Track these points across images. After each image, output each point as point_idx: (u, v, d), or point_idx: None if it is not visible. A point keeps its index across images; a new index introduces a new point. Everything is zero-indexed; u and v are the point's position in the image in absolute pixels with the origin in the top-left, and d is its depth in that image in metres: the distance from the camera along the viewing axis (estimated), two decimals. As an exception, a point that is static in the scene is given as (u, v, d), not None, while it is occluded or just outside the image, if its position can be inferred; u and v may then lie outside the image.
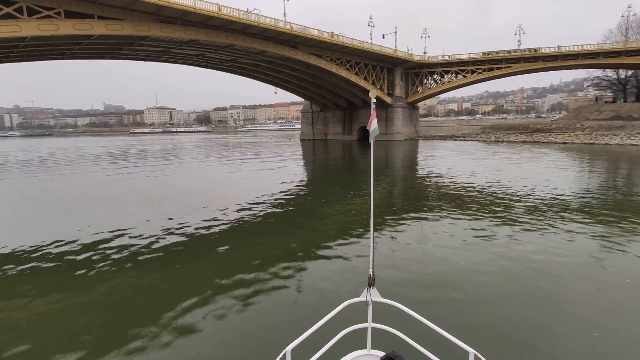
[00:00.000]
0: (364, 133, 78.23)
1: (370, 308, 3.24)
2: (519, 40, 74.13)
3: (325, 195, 19.30)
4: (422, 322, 2.89)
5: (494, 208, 15.35)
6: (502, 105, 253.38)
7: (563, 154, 38.30)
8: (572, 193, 18.03)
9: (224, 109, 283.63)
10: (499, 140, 60.52)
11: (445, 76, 74.69)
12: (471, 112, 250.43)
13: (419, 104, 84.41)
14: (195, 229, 13.26)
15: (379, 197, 18.46)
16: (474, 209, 15.32)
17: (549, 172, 25.10)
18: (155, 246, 11.44)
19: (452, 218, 14.00)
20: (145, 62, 54.15)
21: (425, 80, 76.60)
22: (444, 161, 35.28)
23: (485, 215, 14.30)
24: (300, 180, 25.59)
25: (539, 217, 13.64)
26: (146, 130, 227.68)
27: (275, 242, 11.88)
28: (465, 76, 73.10)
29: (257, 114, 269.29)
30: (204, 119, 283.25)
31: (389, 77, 73.01)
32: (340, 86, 67.39)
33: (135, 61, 53.71)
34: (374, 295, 3.21)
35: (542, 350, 5.78)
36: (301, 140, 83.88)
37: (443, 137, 72.62)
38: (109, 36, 36.08)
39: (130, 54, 47.66)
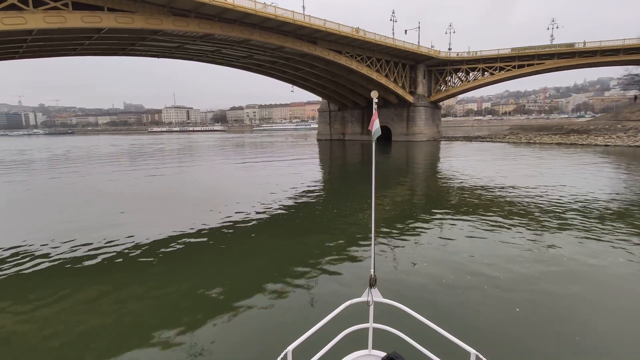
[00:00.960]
0: (384, 133, 74.97)
1: (371, 308, 3.21)
2: (551, 35, 69.68)
3: (339, 205, 17.03)
4: (424, 323, 2.88)
5: (545, 221, 13.18)
6: (524, 105, 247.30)
7: (611, 159, 34.25)
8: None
9: (240, 108, 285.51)
10: (531, 141, 56.18)
11: (471, 74, 70.62)
12: (491, 112, 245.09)
13: (441, 104, 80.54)
14: (201, 231, 12.81)
15: (397, 202, 17.48)
16: (515, 220, 13.49)
17: (612, 183, 21.58)
18: (156, 247, 11.26)
19: (489, 229, 12.39)
20: (161, 60, 52.61)
21: (448, 78, 72.77)
22: (473, 164, 31.74)
23: (529, 226, 12.60)
24: (314, 185, 23.21)
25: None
26: (164, 129, 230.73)
27: (281, 247, 11.39)
28: (492, 73, 68.88)
29: (273, 114, 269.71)
30: (220, 118, 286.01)
31: (411, 74, 69.48)
32: (359, 84, 64.38)
33: (151, 59, 52.18)
34: (375, 296, 3.18)
35: None
36: (318, 140, 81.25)
37: (468, 138, 68.58)
38: (119, 29, 34.25)
39: (143, 49, 46.03)
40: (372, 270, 3.26)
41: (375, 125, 3.25)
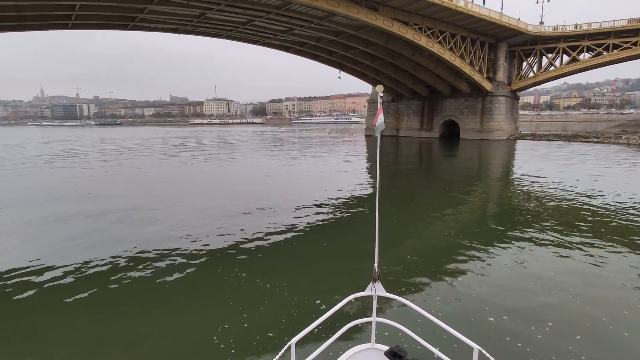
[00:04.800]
0: (449, 129, 61.40)
1: (374, 302, 3.19)
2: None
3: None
4: (427, 318, 2.83)
5: None
6: (589, 99, 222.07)
7: None
8: None
9: (279, 100, 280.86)
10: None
11: (572, 54, 54.66)
12: (550, 106, 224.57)
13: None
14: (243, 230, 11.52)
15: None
16: None
17: None
18: (164, 245, 10.39)
19: None
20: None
21: (530, 60, 57.44)
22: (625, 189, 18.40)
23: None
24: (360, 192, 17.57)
25: None
26: (204, 121, 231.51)
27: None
28: (602, 53, 52.64)
29: (312, 106, 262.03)
30: (259, 110, 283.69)
31: (490, 56, 55.11)
32: (424, 68, 51.40)
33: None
34: (379, 290, 3.16)
35: None
36: (366, 136, 69.17)
37: (563, 137, 53.06)
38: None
39: (156, 20, 36.67)
40: (375, 265, 3.20)
41: (379, 119, 3.21)
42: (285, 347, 2.61)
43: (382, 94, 3.56)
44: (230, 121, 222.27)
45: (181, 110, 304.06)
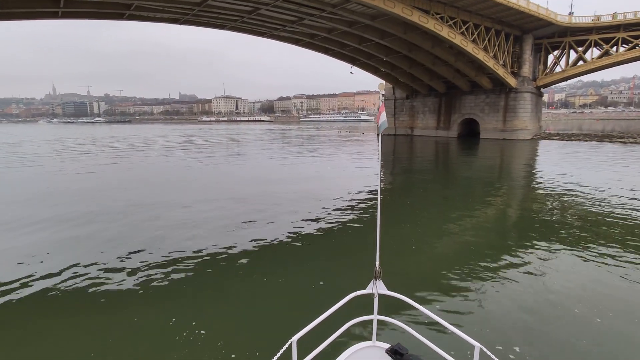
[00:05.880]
0: (468, 128, 57.51)
1: (376, 300, 3.19)
2: None
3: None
4: (428, 315, 2.88)
5: None
6: (606, 97, 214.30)
7: None
8: None
9: (288, 98, 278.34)
10: None
11: (605, 46, 50.22)
12: (565, 104, 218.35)
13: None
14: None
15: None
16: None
17: None
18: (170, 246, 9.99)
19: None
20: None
21: (556, 54, 53.13)
22: None
23: None
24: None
25: None
26: (212, 119, 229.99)
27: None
28: (638, 46, 48.16)
29: (320, 104, 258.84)
30: (267, 108, 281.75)
31: (514, 49, 51.03)
32: (443, 61, 47.70)
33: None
34: (380, 288, 3.15)
35: None
36: (378, 135, 65.56)
37: (595, 138, 48.80)
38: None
39: (152, 8, 33.68)
40: (376, 263, 3.19)
41: (382, 118, 3.18)
42: (287, 345, 2.61)
43: (383, 92, 2.40)
44: (238, 119, 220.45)
45: (190, 107, 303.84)
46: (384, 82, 62.47)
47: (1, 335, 6.09)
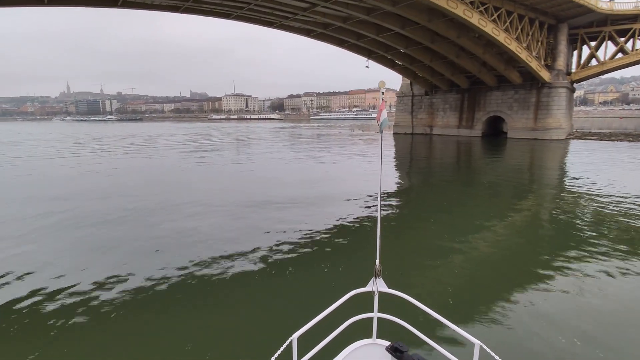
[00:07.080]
0: (493, 127, 52.96)
1: (376, 298, 3.16)
2: None
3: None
4: (428, 313, 2.87)
5: None
6: (627, 94, 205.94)
7: None
8: None
9: (298, 96, 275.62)
10: None
11: (650, 36, 45.09)
12: (584, 101, 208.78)
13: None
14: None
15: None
16: None
17: None
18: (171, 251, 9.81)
19: None
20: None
21: (592, 45, 48.07)
22: None
23: None
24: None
25: None
26: (222, 116, 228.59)
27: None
28: (691, 35, 42.96)
29: (330, 102, 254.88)
30: (277, 106, 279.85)
31: (549, 39, 46.29)
32: (469, 53, 43.39)
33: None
34: (380, 286, 3.13)
35: None
36: (394, 134, 61.56)
37: (637, 138, 43.78)
38: None
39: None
40: (377, 261, 3.16)
41: (383, 115, 3.11)
42: (287, 342, 2.62)
43: (384, 90, 3.37)
44: (248, 117, 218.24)
45: (200, 105, 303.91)
46: (383, 81, 58.24)
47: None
